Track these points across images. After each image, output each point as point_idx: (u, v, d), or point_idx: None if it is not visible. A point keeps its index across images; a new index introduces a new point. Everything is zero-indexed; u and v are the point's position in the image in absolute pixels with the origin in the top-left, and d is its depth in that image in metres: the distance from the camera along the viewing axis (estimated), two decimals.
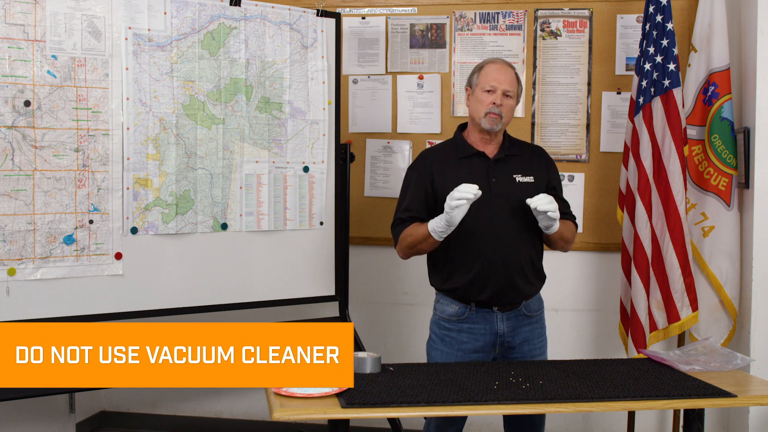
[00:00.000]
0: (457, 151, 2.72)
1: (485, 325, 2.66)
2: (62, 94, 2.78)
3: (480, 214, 2.60)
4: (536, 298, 2.75)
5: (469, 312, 2.66)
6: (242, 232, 3.17)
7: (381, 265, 3.91)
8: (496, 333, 2.67)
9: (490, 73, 2.65)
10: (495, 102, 2.62)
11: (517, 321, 2.69)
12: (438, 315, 2.75)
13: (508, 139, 2.76)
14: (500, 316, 2.66)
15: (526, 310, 2.70)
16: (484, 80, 2.66)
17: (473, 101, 2.69)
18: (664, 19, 3.28)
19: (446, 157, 2.72)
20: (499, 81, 2.63)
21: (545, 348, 2.80)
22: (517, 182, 2.67)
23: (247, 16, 3.14)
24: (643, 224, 3.29)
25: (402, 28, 3.86)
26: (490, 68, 2.67)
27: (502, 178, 2.66)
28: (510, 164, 2.70)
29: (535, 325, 2.74)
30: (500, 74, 2.65)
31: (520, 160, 2.72)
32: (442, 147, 2.82)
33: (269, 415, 2.07)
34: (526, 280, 2.67)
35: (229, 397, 4.08)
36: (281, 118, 3.23)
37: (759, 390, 2.31)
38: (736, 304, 3.35)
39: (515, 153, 2.73)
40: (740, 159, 3.31)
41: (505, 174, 2.67)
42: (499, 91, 2.63)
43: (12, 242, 2.71)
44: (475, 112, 2.68)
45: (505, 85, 2.63)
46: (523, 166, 2.71)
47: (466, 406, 2.09)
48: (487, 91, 2.64)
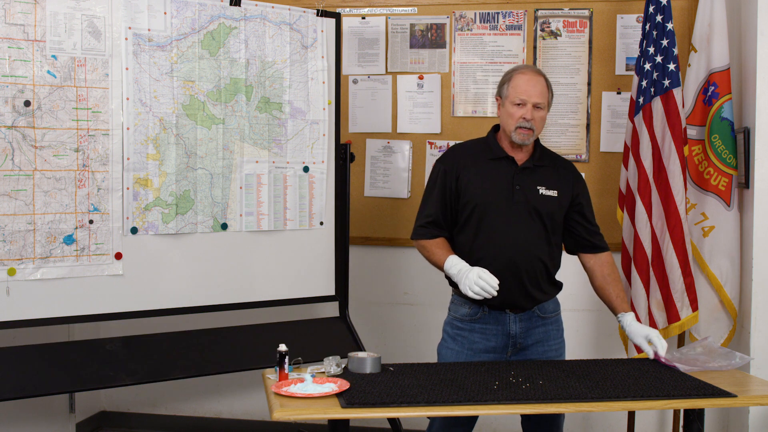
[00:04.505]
0: (486, 152, 2.69)
1: (497, 325, 2.65)
2: (62, 94, 2.78)
3: (498, 220, 2.60)
4: (552, 300, 2.74)
5: (482, 313, 2.66)
6: (242, 232, 3.17)
7: (381, 265, 3.91)
8: (509, 334, 2.65)
9: (519, 86, 2.59)
10: (525, 117, 2.57)
11: (530, 322, 2.67)
12: (452, 315, 2.75)
13: (540, 148, 2.71)
14: (513, 317, 2.65)
15: (540, 312, 2.69)
16: (513, 93, 2.59)
17: (503, 113, 2.64)
18: (664, 19, 3.27)
19: (475, 156, 2.69)
20: (529, 94, 2.57)
21: (562, 349, 2.77)
22: (540, 194, 2.63)
23: (247, 16, 3.14)
24: (643, 224, 3.29)
25: (402, 28, 3.86)
26: (520, 80, 2.60)
27: (525, 188, 2.63)
28: (536, 175, 2.66)
29: (549, 326, 2.71)
30: (530, 86, 2.58)
31: (546, 172, 2.68)
32: (474, 144, 2.78)
33: (269, 415, 2.07)
34: (538, 288, 2.65)
35: (229, 397, 4.08)
36: (281, 118, 3.23)
37: (759, 390, 2.31)
38: (736, 304, 3.35)
39: (544, 164, 2.68)
40: (740, 159, 3.31)
41: (529, 184, 2.64)
42: (529, 105, 2.57)
43: (12, 242, 2.70)
44: (506, 125, 2.63)
45: (535, 98, 2.57)
46: (548, 178, 2.66)
47: (466, 406, 2.09)
48: (517, 105, 2.58)
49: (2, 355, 2.71)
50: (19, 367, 2.72)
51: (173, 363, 2.98)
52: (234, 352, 3.12)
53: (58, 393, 3.06)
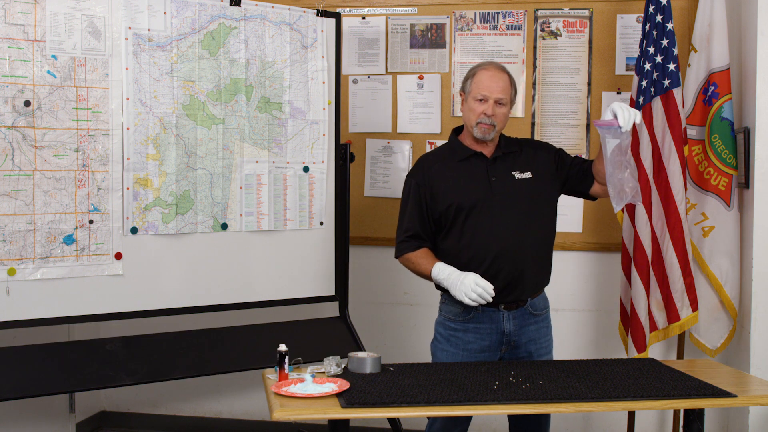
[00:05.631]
0: (454, 155, 2.72)
1: (491, 324, 2.67)
2: (62, 94, 2.78)
3: (482, 214, 2.62)
4: (541, 297, 2.76)
5: (475, 311, 2.66)
6: (242, 232, 3.17)
7: (381, 265, 3.90)
8: (503, 332, 2.67)
9: (482, 82, 2.63)
10: (486, 112, 2.61)
11: (523, 320, 2.69)
12: (443, 315, 2.75)
13: (504, 138, 2.76)
14: (506, 315, 2.66)
15: (532, 309, 2.70)
16: (475, 89, 2.63)
17: (466, 109, 2.69)
18: (664, 19, 3.28)
19: (444, 161, 2.72)
20: (490, 90, 2.61)
21: (551, 347, 2.80)
22: (516, 179, 2.68)
23: (247, 16, 3.14)
24: (643, 224, 3.29)
25: (402, 28, 3.86)
26: (482, 75, 2.64)
27: (501, 177, 2.67)
28: (508, 162, 2.70)
29: (540, 324, 2.74)
30: (492, 82, 2.62)
31: (517, 156, 2.72)
32: (440, 151, 2.82)
33: (269, 415, 2.07)
34: (531, 274, 2.67)
35: (229, 397, 4.08)
36: (281, 118, 3.23)
37: (759, 390, 2.31)
38: (736, 304, 3.35)
39: (512, 150, 2.73)
40: (740, 159, 3.31)
41: (504, 172, 2.68)
42: (490, 101, 2.61)
43: (12, 242, 2.70)
44: (468, 120, 2.68)
45: (497, 94, 2.61)
46: (520, 162, 2.71)
47: (466, 406, 2.09)
48: (478, 100, 2.62)
49: (2, 355, 2.71)
50: (19, 367, 2.72)
51: (173, 363, 2.98)
52: (234, 352, 3.12)
53: (58, 393, 3.05)
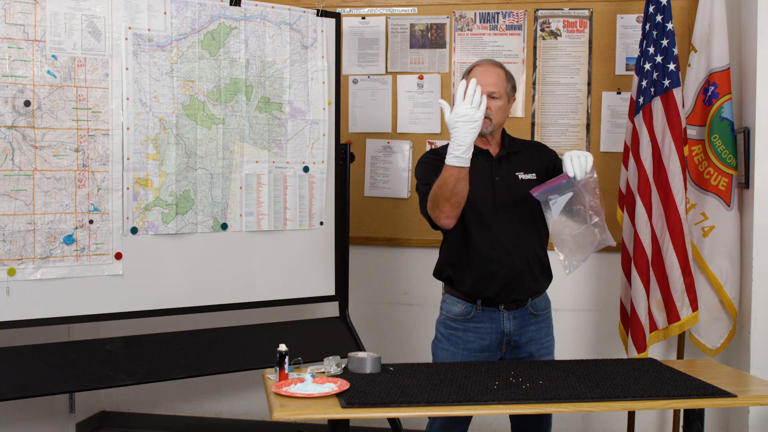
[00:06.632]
0: None
1: (491, 324, 2.67)
2: (62, 94, 2.78)
3: (485, 213, 2.62)
4: (543, 297, 2.75)
5: (475, 311, 2.67)
6: (242, 232, 3.17)
7: (381, 265, 3.91)
8: (503, 332, 2.67)
9: (475, 77, 2.62)
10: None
11: (523, 320, 2.69)
12: (444, 315, 2.75)
13: (508, 138, 2.76)
14: (506, 314, 2.67)
15: (533, 309, 2.70)
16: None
17: None
18: (664, 19, 3.27)
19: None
20: (483, 83, 2.59)
21: (552, 347, 2.80)
22: (520, 179, 2.68)
23: (247, 16, 3.14)
24: (643, 224, 3.29)
25: (402, 28, 3.86)
26: (476, 71, 2.67)
27: (505, 176, 2.68)
28: (512, 162, 2.71)
29: (542, 324, 2.74)
30: (484, 76, 2.63)
31: (521, 157, 2.73)
32: (444, 150, 2.80)
33: (269, 415, 2.07)
34: (532, 275, 2.67)
35: (229, 397, 4.08)
36: (281, 118, 3.23)
37: (759, 390, 2.31)
38: (736, 304, 3.35)
39: (517, 150, 2.74)
40: (740, 159, 3.31)
41: (508, 172, 2.69)
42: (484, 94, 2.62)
43: (12, 242, 2.70)
44: None
45: (489, 87, 2.62)
46: (525, 163, 2.72)
47: (466, 406, 2.09)
48: None
49: (2, 355, 2.71)
50: (19, 367, 2.72)
51: (173, 363, 2.98)
52: (234, 352, 3.12)
53: (58, 393, 3.06)
